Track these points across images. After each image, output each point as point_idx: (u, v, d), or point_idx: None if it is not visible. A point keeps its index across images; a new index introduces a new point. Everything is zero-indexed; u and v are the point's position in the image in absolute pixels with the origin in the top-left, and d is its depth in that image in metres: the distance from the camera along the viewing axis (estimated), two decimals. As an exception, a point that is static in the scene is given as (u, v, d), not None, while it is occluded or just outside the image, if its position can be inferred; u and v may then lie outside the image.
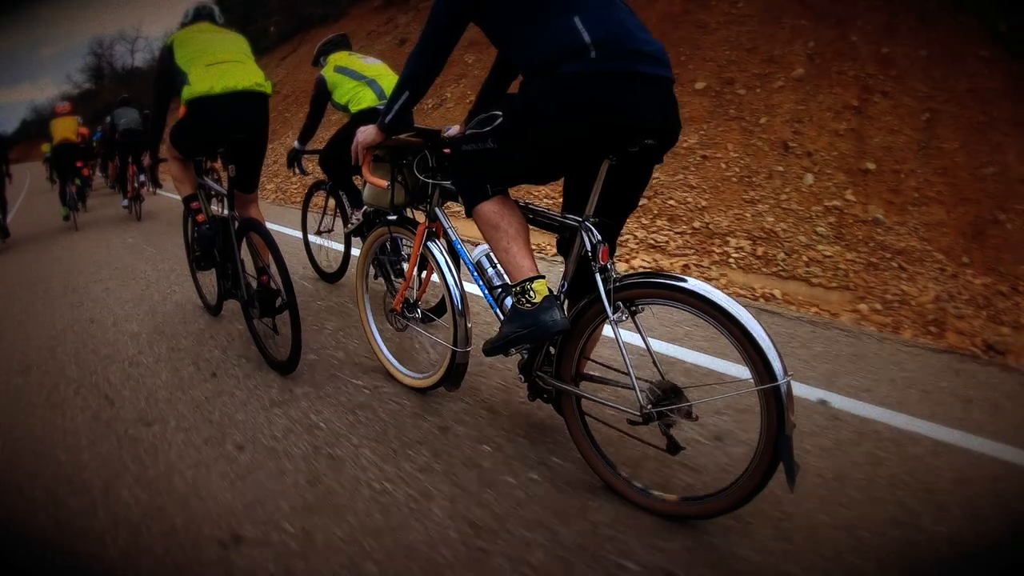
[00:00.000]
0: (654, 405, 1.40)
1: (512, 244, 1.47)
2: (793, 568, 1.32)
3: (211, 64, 2.33)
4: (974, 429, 1.88)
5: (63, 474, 1.79)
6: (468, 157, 1.51)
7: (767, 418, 1.28)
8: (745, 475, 1.35)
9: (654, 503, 1.48)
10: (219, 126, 2.35)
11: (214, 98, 2.27)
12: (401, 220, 2.00)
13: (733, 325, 1.29)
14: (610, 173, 1.41)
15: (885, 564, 1.34)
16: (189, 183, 2.67)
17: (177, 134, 2.59)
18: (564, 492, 1.56)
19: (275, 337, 2.38)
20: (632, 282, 1.42)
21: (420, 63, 1.54)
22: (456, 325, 1.82)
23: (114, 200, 9.54)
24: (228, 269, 2.55)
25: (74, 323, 3.26)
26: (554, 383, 1.58)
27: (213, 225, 2.60)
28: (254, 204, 2.69)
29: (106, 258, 5.07)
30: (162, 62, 2.48)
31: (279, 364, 2.30)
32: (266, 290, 2.33)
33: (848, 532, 1.42)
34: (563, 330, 1.44)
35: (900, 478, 1.63)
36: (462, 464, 1.69)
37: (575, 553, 1.36)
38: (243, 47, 2.54)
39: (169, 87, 2.47)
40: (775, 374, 1.26)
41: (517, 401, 2.02)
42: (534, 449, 1.75)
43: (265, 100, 2.43)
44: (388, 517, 1.50)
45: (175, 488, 1.67)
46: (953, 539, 1.43)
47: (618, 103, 1.28)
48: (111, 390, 2.35)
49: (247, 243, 2.44)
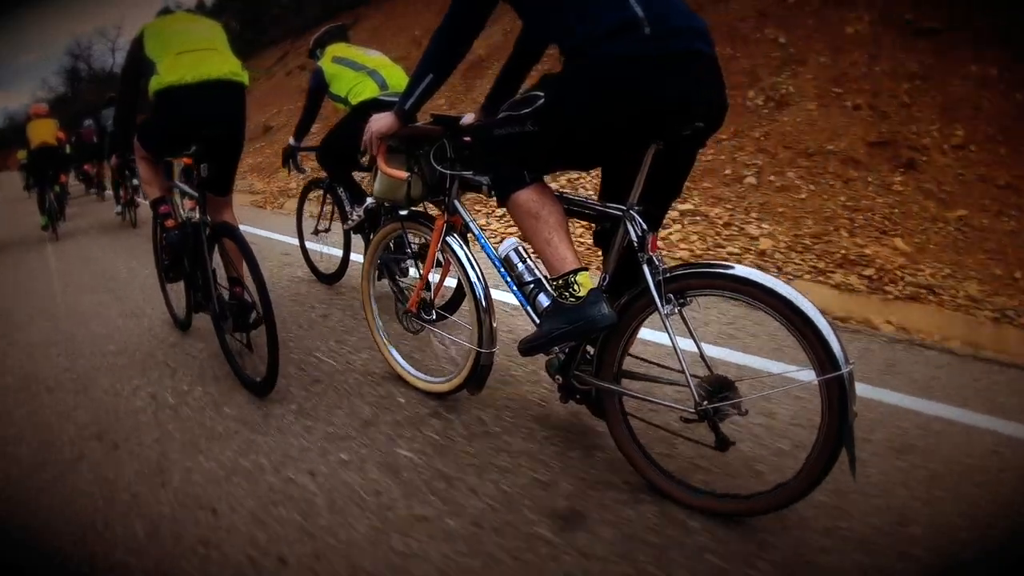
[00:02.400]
0: (709, 401, 1.34)
1: (554, 234, 1.38)
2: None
3: (182, 52, 2.14)
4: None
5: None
6: (504, 142, 1.41)
7: (829, 408, 1.24)
8: (805, 468, 1.30)
9: (707, 502, 1.42)
10: (190, 119, 2.14)
11: (185, 88, 2.07)
12: (414, 215, 1.88)
13: (794, 314, 1.24)
14: (654, 158, 1.34)
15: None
16: (157, 185, 2.45)
17: (144, 131, 2.38)
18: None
19: (250, 355, 2.16)
20: (684, 273, 1.35)
21: (445, 41, 1.43)
22: (481, 324, 1.72)
23: (94, 207, 8.96)
24: (198, 279, 2.33)
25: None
26: (595, 382, 1.50)
27: (184, 231, 2.36)
28: (228, 208, 2.48)
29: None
30: (131, 53, 2.27)
31: (254, 384, 2.08)
32: (240, 302, 2.14)
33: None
34: (612, 325, 1.36)
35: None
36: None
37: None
38: (219, 35, 2.36)
39: (137, 80, 2.26)
40: (838, 363, 1.22)
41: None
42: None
43: (242, 91, 2.24)
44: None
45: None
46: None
47: (677, 84, 1.21)
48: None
49: (219, 250, 2.24)
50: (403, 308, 1.94)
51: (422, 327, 1.93)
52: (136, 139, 2.41)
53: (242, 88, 2.24)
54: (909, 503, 1.46)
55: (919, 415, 1.87)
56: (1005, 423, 1.83)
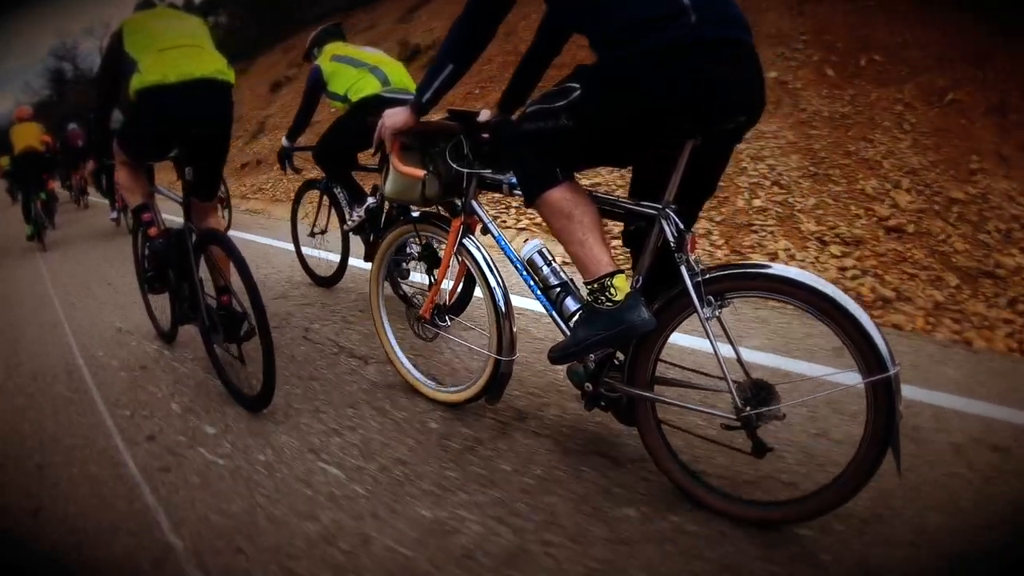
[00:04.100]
0: (751, 407, 1.29)
1: (588, 235, 1.32)
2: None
3: (165, 49, 2.01)
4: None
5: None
6: (534, 137, 1.33)
7: (876, 409, 1.21)
8: (849, 471, 1.27)
9: (746, 511, 1.37)
10: (176, 120, 2.02)
11: (169, 88, 1.95)
12: (428, 216, 1.79)
13: (841, 315, 1.21)
14: (691, 154, 1.29)
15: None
16: (139, 191, 2.31)
17: (124, 133, 2.24)
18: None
19: (243, 368, 2.03)
20: (724, 274, 1.30)
21: (468, 27, 1.36)
22: (501, 330, 1.64)
23: (82, 214, 8.56)
24: (184, 289, 2.19)
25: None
26: (628, 389, 1.44)
27: (168, 240, 2.22)
28: (213, 213, 2.36)
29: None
30: (109, 50, 2.13)
31: (248, 399, 1.96)
32: (229, 312, 2.02)
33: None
34: (651, 330, 1.30)
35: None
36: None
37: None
38: (203, 31, 2.24)
39: (116, 79, 2.13)
40: (885, 364, 1.19)
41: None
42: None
43: (228, 90, 2.12)
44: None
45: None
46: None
47: (725, 74, 1.16)
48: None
49: (206, 259, 2.12)
50: (415, 314, 1.86)
51: (436, 334, 1.85)
52: (115, 142, 2.26)
53: (229, 87, 2.13)
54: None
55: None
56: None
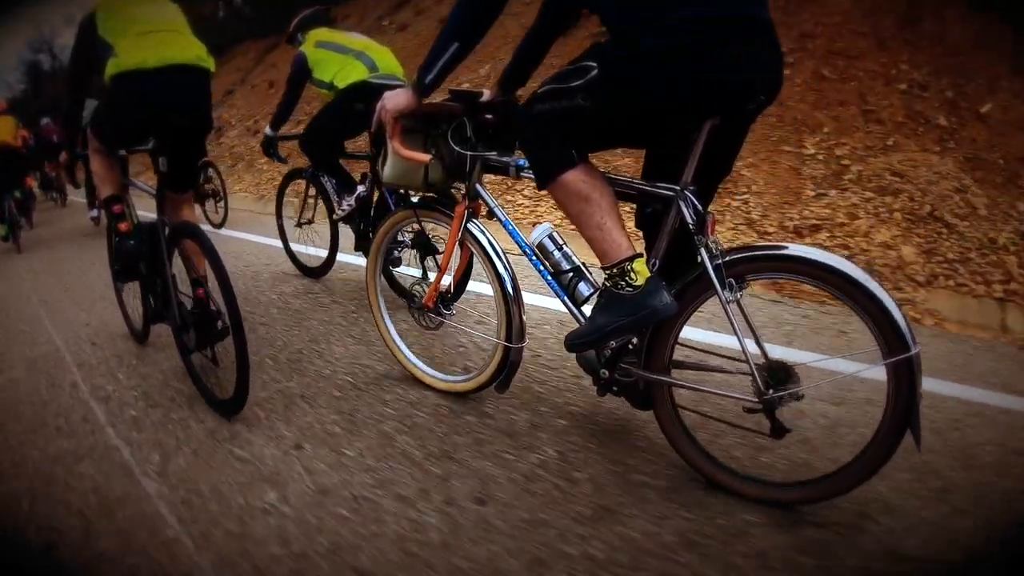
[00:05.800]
0: (773, 389, 1.28)
1: (607, 219, 1.28)
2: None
3: (143, 33, 1.90)
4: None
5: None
6: (549, 118, 1.28)
7: (896, 389, 1.21)
8: (868, 450, 1.27)
9: (770, 492, 1.37)
10: (154, 107, 1.91)
11: (146, 73, 1.84)
12: (429, 201, 1.72)
13: (862, 294, 1.20)
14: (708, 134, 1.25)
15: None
16: (111, 182, 2.18)
17: (99, 119, 2.11)
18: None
19: (216, 370, 1.94)
20: (744, 256, 1.28)
21: (473, 5, 1.29)
22: (510, 317, 1.60)
23: (61, 213, 8.17)
24: (157, 286, 2.09)
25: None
26: (645, 374, 1.42)
27: (140, 236, 2.11)
28: (188, 205, 2.25)
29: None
30: (82, 34, 1.99)
31: (221, 403, 1.87)
32: (204, 310, 1.93)
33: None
34: (673, 315, 1.27)
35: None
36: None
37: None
38: (180, 17, 2.11)
39: (90, 65, 2.00)
40: (907, 343, 1.18)
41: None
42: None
43: (207, 78, 2.01)
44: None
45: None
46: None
47: (750, 51, 1.12)
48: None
49: (179, 253, 2.01)
50: (418, 304, 1.79)
51: (440, 323, 1.79)
52: (89, 129, 2.13)
53: (208, 75, 2.01)
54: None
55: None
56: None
